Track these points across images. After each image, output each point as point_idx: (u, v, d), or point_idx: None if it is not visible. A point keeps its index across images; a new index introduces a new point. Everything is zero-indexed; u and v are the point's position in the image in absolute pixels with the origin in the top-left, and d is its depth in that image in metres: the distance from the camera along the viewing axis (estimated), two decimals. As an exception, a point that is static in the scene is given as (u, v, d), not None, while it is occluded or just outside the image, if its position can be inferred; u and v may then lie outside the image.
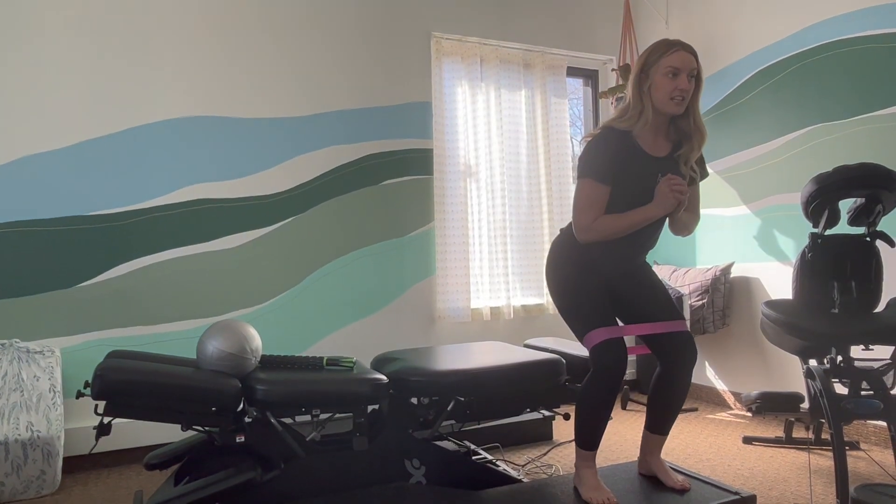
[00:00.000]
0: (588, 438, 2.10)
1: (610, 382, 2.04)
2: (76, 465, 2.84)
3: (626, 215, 2.04)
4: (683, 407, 3.75)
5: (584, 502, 2.03)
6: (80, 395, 1.94)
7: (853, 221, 2.61)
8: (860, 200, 2.57)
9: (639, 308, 2.19)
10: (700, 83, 2.06)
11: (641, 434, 2.27)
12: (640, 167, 2.06)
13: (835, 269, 2.56)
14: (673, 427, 3.35)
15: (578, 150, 2.11)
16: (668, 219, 2.15)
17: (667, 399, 2.18)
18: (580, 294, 2.12)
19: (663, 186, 2.00)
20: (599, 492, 2.04)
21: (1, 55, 2.84)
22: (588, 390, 2.08)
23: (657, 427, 2.21)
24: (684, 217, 2.16)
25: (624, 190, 2.06)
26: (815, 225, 2.62)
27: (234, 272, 3.25)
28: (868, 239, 2.57)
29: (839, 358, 2.49)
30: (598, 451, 2.98)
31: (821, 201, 2.55)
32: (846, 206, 2.63)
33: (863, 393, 2.42)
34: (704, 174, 2.22)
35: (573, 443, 3.15)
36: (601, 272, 2.16)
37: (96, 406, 1.93)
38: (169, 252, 3.12)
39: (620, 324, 2.19)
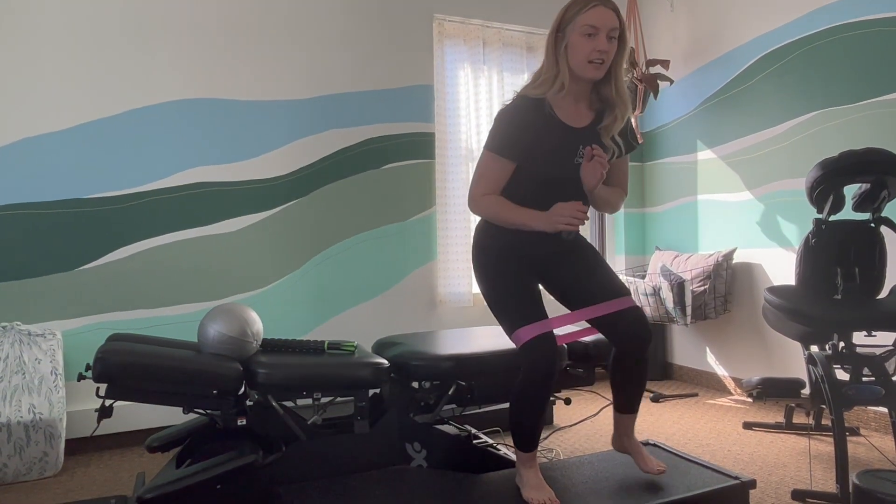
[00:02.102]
0: (526, 440, 1.97)
1: (541, 382, 1.89)
2: (78, 447, 2.86)
3: (512, 209, 1.89)
4: (684, 392, 3.77)
5: (525, 502, 1.91)
6: (81, 377, 1.94)
7: (858, 207, 2.60)
8: (865, 186, 2.55)
9: (578, 290, 2.02)
10: (624, 44, 1.84)
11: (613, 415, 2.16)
12: (557, 139, 1.87)
13: (838, 255, 2.55)
14: (673, 412, 3.39)
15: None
16: (589, 195, 1.95)
17: (627, 380, 2.05)
18: (504, 284, 1.97)
19: (557, 211, 1.83)
20: (540, 491, 1.91)
21: (0, 37, 2.82)
22: (520, 391, 1.94)
23: (624, 407, 2.09)
24: (605, 194, 1.97)
25: (541, 163, 1.89)
26: (820, 210, 2.60)
27: (235, 256, 3.24)
28: (872, 225, 2.56)
29: (841, 344, 2.49)
30: (598, 435, 3.00)
31: (825, 187, 2.53)
32: (851, 191, 2.61)
33: (864, 379, 2.42)
34: (632, 146, 2.01)
35: (573, 427, 3.17)
36: (525, 255, 1.99)
37: (98, 389, 1.93)
38: (170, 235, 3.11)
39: (567, 311, 2.04)
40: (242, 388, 2.09)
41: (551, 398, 3.13)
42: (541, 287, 2.08)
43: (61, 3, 2.91)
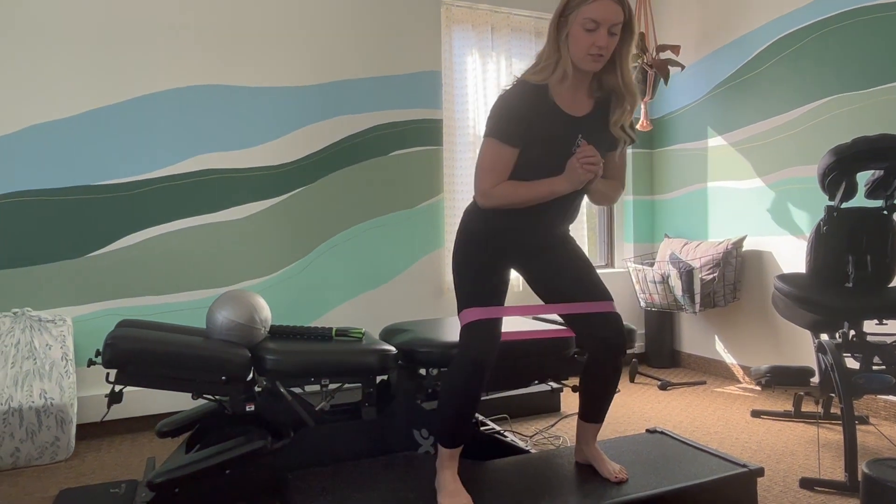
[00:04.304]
0: (448, 434, 1.85)
1: (471, 370, 1.79)
2: (89, 432, 2.89)
3: (530, 185, 1.82)
4: (692, 380, 3.76)
5: None
6: (91, 363, 1.95)
7: (870, 194, 2.57)
8: (878, 173, 2.53)
9: (559, 287, 1.96)
10: (630, 35, 1.77)
11: (577, 424, 2.09)
12: (557, 127, 1.81)
13: (850, 243, 2.52)
14: (681, 400, 3.38)
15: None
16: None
17: (596, 386, 1.99)
18: (469, 268, 1.92)
19: (573, 161, 1.77)
20: (457, 498, 1.78)
21: (7, 23, 2.81)
22: (448, 378, 1.85)
23: (589, 415, 2.03)
24: (602, 186, 1.89)
25: (539, 152, 1.82)
26: (832, 198, 2.58)
27: (243, 242, 3.24)
28: (885, 212, 2.53)
29: (852, 332, 2.47)
30: (605, 422, 3.00)
31: (838, 173, 2.50)
32: (864, 178, 2.58)
33: (874, 368, 2.41)
34: (631, 139, 1.94)
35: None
36: (508, 245, 1.94)
37: (108, 374, 1.94)
38: (178, 222, 3.11)
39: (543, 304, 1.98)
40: (251, 375, 2.10)
41: (558, 385, 3.14)
42: (522, 280, 2.04)
43: (68, -11, 2.90)
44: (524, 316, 2.50)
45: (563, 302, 1.95)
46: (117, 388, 1.94)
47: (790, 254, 3.44)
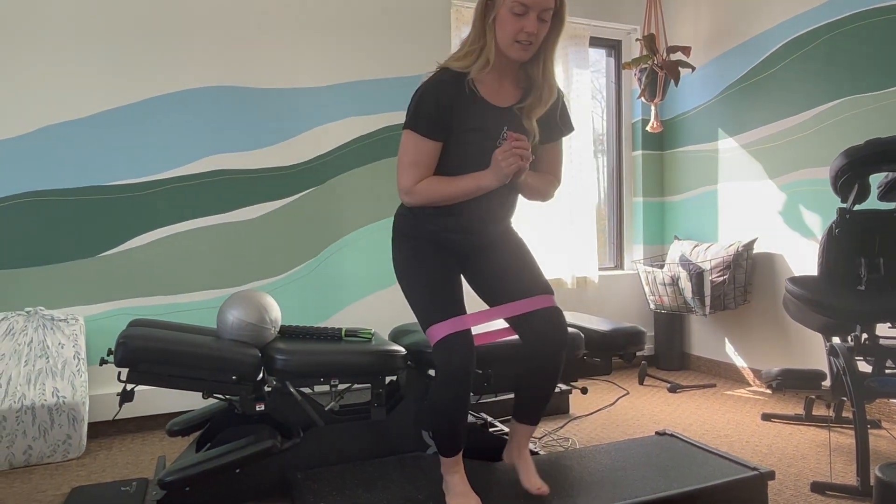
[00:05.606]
0: (447, 445, 1.83)
1: (455, 386, 1.72)
2: (101, 430, 2.91)
3: (455, 180, 1.73)
4: (702, 383, 3.74)
5: None
6: (103, 362, 1.97)
7: (883, 196, 2.55)
8: (891, 175, 2.51)
9: (495, 286, 1.88)
10: (560, 24, 1.70)
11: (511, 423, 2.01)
12: (480, 118, 1.73)
13: (862, 246, 2.50)
14: (691, 402, 3.36)
15: (600, 121, 1.84)
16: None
17: (533, 385, 1.88)
18: (421, 278, 1.83)
19: (497, 153, 1.67)
20: (466, 498, 1.79)
21: (20, 24, 2.84)
22: (435, 397, 1.78)
23: (522, 415, 1.94)
24: (533, 181, 1.82)
25: (463, 145, 1.73)
26: (844, 200, 2.56)
27: (254, 243, 3.26)
28: (898, 215, 2.51)
29: (864, 336, 2.45)
30: (614, 424, 2.99)
31: (851, 175, 2.48)
32: (877, 180, 2.56)
33: (887, 371, 2.39)
34: (563, 132, 1.86)
35: (590, 416, 3.15)
36: (447, 247, 1.86)
37: (119, 373, 1.96)
38: (189, 222, 3.13)
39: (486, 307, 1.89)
40: (261, 374, 2.11)
41: (567, 387, 3.14)
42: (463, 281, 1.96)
43: (82, -8, 2.93)
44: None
45: (500, 301, 1.86)
46: (129, 386, 1.96)
47: (802, 256, 3.42)
